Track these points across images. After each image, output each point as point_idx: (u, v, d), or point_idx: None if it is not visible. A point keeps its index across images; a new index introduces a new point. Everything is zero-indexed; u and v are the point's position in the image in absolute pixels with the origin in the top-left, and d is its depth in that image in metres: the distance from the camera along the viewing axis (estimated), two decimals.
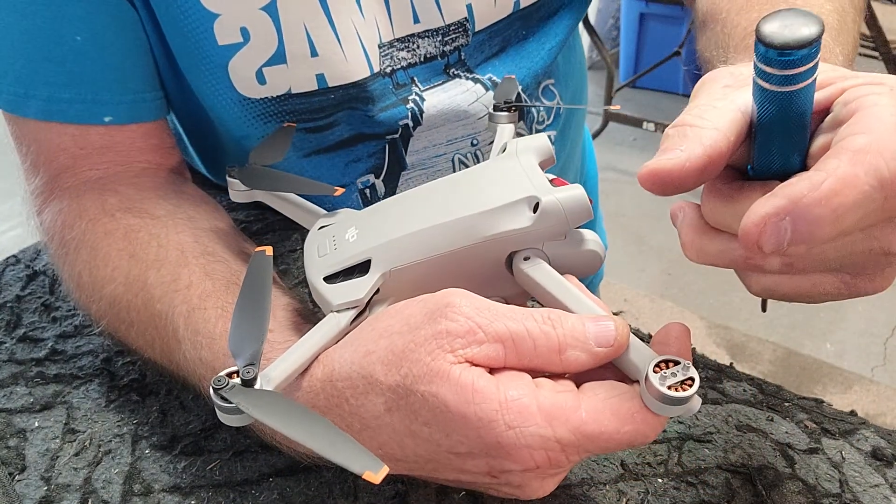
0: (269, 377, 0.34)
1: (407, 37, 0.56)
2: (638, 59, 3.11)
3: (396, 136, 0.59)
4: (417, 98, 0.58)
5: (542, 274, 0.37)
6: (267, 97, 0.53)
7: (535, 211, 0.37)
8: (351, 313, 0.38)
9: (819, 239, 0.27)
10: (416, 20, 0.56)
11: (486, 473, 0.33)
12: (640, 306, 1.97)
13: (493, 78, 0.61)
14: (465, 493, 0.40)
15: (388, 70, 0.56)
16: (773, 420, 0.44)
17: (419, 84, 0.59)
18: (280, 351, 0.36)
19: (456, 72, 0.60)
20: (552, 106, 0.68)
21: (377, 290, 0.38)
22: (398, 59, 0.57)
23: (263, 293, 0.36)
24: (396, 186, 0.62)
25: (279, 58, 0.52)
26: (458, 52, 0.59)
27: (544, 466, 0.31)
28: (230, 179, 0.47)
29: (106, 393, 0.49)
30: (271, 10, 0.50)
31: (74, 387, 0.49)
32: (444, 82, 0.60)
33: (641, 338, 0.51)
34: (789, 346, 1.83)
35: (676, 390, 0.30)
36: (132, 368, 0.51)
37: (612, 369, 0.34)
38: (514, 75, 0.55)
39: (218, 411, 0.33)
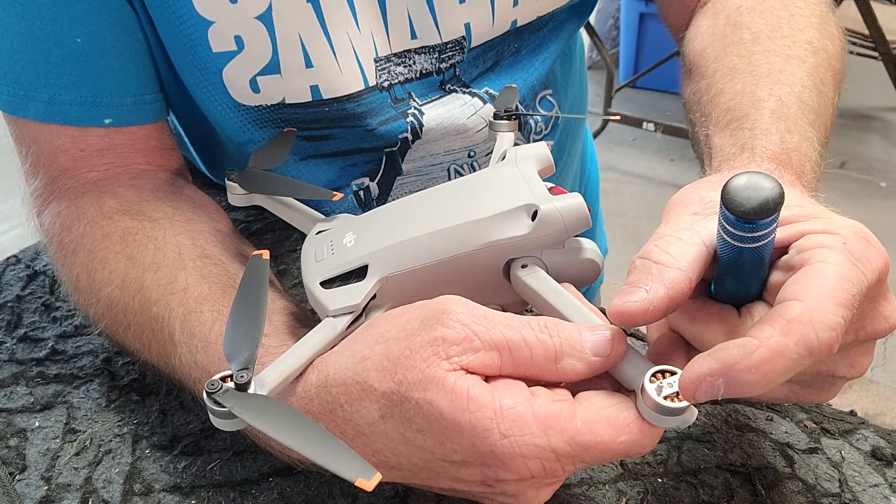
0: (264, 382, 0.34)
1: (403, 52, 0.56)
2: (638, 59, 3.12)
3: (395, 148, 0.59)
4: (417, 112, 0.58)
5: (539, 282, 0.37)
6: (261, 105, 0.53)
7: (533, 219, 0.37)
8: (347, 318, 0.37)
9: (748, 395, 0.29)
10: (413, 36, 0.56)
11: (481, 482, 0.33)
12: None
13: (490, 91, 0.61)
14: None
15: (385, 84, 0.56)
16: (772, 420, 0.45)
17: (416, 99, 0.58)
18: (275, 355, 0.36)
19: (452, 87, 0.60)
20: (551, 115, 0.67)
21: (374, 296, 0.38)
22: (395, 74, 0.56)
23: (259, 297, 0.36)
24: (391, 190, 0.62)
25: (273, 67, 0.51)
26: (454, 68, 0.59)
27: (539, 476, 0.31)
28: (229, 183, 0.47)
29: (106, 393, 0.49)
30: (266, 19, 0.50)
31: (75, 387, 0.49)
32: (441, 97, 0.59)
33: (640, 338, 0.51)
34: None
35: (672, 401, 0.30)
36: (132, 368, 0.51)
37: (609, 379, 0.34)
38: (514, 84, 0.55)
39: (211, 416, 0.32)
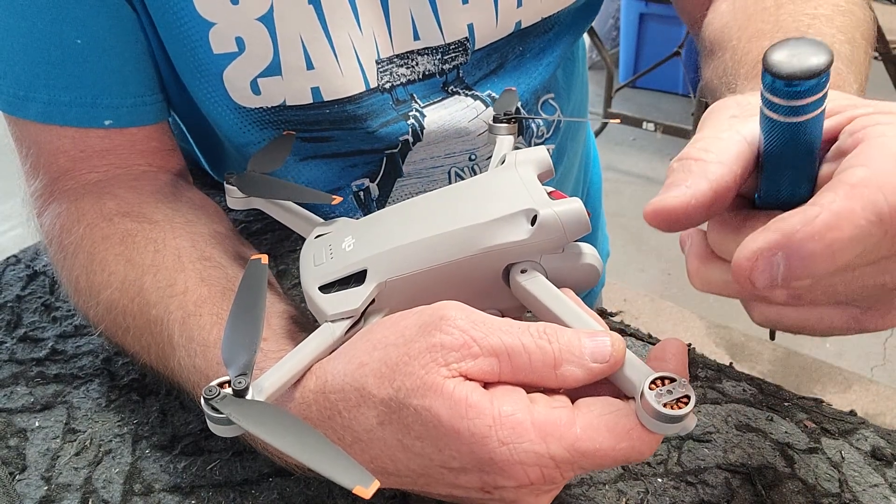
0: (261, 387, 0.33)
1: (406, 53, 0.56)
2: (637, 59, 3.12)
3: (396, 150, 0.59)
4: (418, 114, 0.58)
5: (538, 287, 0.37)
6: (262, 107, 0.53)
7: (532, 223, 0.37)
8: (345, 323, 0.37)
9: (813, 275, 0.26)
10: (416, 37, 0.55)
11: (479, 489, 0.33)
12: (640, 306, 1.98)
13: (493, 94, 0.61)
14: None
15: (387, 86, 0.56)
16: (772, 420, 0.45)
17: (419, 101, 0.58)
18: (274, 360, 0.36)
19: (454, 89, 0.60)
20: (552, 119, 0.67)
21: (372, 301, 0.38)
22: (397, 76, 0.56)
23: (258, 302, 0.36)
24: (391, 191, 0.62)
25: (274, 69, 0.51)
26: (457, 69, 0.58)
27: (538, 483, 0.31)
28: (228, 186, 0.47)
29: (106, 393, 0.49)
30: (267, 21, 0.50)
31: (75, 387, 0.49)
32: (443, 99, 0.59)
33: (640, 338, 0.51)
34: (789, 346, 1.83)
35: (672, 408, 0.30)
36: (132, 368, 0.51)
37: (608, 385, 0.33)
38: (514, 87, 0.55)
39: (209, 422, 0.32)
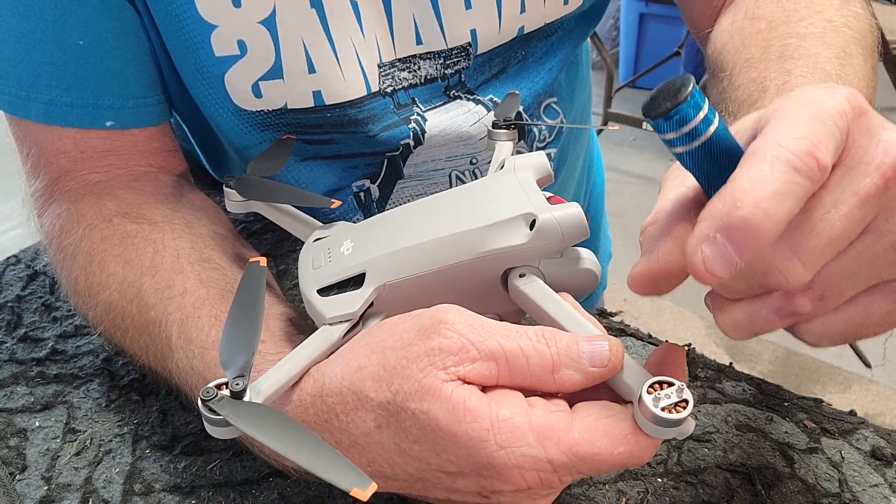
0: (259, 390, 0.33)
1: (408, 57, 0.56)
2: (637, 59, 3.12)
3: (396, 153, 0.59)
4: (419, 118, 0.58)
5: (537, 291, 0.37)
6: (263, 110, 0.53)
7: (531, 228, 0.37)
8: (344, 326, 0.37)
9: (762, 240, 0.26)
10: (418, 41, 0.55)
11: (477, 493, 0.33)
12: (640, 306, 1.98)
13: (495, 99, 0.60)
14: None
15: (388, 90, 0.56)
16: (772, 420, 0.45)
17: (420, 105, 0.58)
18: (271, 362, 0.36)
19: (456, 93, 0.59)
20: (553, 125, 0.67)
21: (371, 304, 0.38)
22: (399, 80, 0.56)
23: (256, 305, 0.36)
24: (391, 192, 0.62)
25: (276, 72, 0.51)
26: (459, 74, 0.58)
27: (536, 487, 0.31)
28: (227, 189, 0.47)
29: (106, 393, 0.49)
30: (269, 24, 0.50)
31: (75, 386, 0.49)
32: (444, 103, 0.59)
33: (640, 338, 0.51)
34: (789, 346, 1.83)
35: (670, 412, 0.30)
36: (132, 368, 0.51)
37: (606, 389, 0.33)
38: (517, 91, 0.55)
39: (206, 423, 0.32)
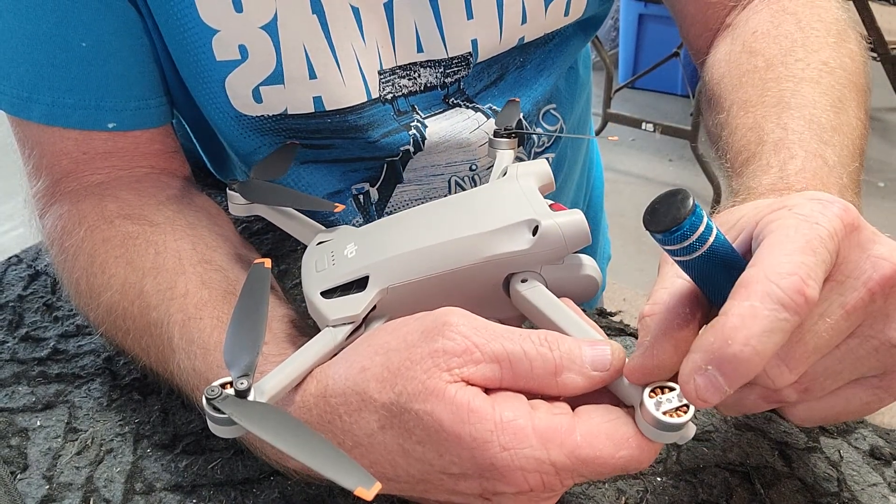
0: (263, 390, 0.34)
1: (409, 65, 0.56)
2: (637, 59, 3.12)
3: (396, 158, 0.59)
4: (420, 125, 0.58)
5: (539, 296, 0.37)
6: (263, 115, 0.53)
7: (534, 234, 0.37)
8: (347, 328, 0.38)
9: (750, 371, 0.28)
10: (419, 49, 0.55)
11: (479, 495, 0.33)
12: (640, 306, 1.96)
13: (494, 108, 0.61)
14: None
15: (388, 97, 0.56)
16: (771, 419, 0.45)
17: (420, 112, 0.58)
18: (274, 364, 0.36)
19: (455, 101, 0.60)
20: (552, 134, 0.67)
21: (374, 307, 0.38)
22: (399, 87, 0.56)
23: (260, 305, 0.36)
24: (390, 196, 0.62)
25: (277, 78, 0.51)
26: (458, 82, 0.59)
27: (538, 489, 0.31)
28: (230, 193, 0.47)
29: (108, 392, 0.49)
30: (271, 29, 0.50)
31: (76, 386, 0.49)
32: (444, 111, 0.59)
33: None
34: None
35: (671, 416, 0.30)
36: (134, 368, 0.51)
37: (608, 393, 0.34)
38: (518, 98, 0.55)
39: (210, 422, 0.32)
